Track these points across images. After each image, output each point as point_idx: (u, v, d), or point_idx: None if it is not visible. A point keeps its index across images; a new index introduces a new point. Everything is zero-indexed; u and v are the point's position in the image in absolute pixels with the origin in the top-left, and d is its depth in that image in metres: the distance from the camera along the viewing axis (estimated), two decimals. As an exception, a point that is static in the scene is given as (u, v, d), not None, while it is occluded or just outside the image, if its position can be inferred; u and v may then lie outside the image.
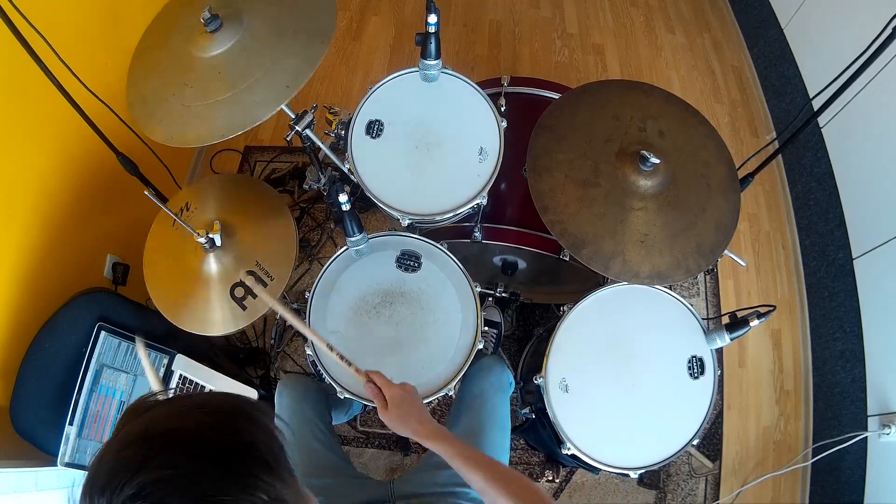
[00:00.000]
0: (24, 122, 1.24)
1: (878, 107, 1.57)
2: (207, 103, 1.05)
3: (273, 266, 1.20)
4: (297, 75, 1.03)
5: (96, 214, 1.49)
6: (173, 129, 1.07)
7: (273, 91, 1.03)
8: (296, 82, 1.02)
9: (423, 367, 1.11)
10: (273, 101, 1.02)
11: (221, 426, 0.42)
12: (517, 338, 1.82)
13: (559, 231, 1.06)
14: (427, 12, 1.11)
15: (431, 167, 1.24)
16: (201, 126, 1.04)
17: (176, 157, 1.86)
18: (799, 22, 2.01)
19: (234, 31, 1.08)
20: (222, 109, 1.04)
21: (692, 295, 1.92)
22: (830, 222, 1.79)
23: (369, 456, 1.68)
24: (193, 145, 1.05)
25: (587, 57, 2.38)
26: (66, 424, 1.15)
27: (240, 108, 1.03)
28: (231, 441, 0.41)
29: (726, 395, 1.79)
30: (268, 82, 1.04)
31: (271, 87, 1.03)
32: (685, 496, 1.67)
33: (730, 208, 1.14)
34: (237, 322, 1.18)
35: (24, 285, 1.25)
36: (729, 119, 2.26)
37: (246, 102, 1.03)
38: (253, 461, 0.41)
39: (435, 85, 1.30)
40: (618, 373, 1.16)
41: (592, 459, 1.10)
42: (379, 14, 2.48)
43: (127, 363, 1.26)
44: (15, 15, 0.99)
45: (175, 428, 0.41)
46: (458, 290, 1.18)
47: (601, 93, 1.22)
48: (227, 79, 1.06)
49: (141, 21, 1.26)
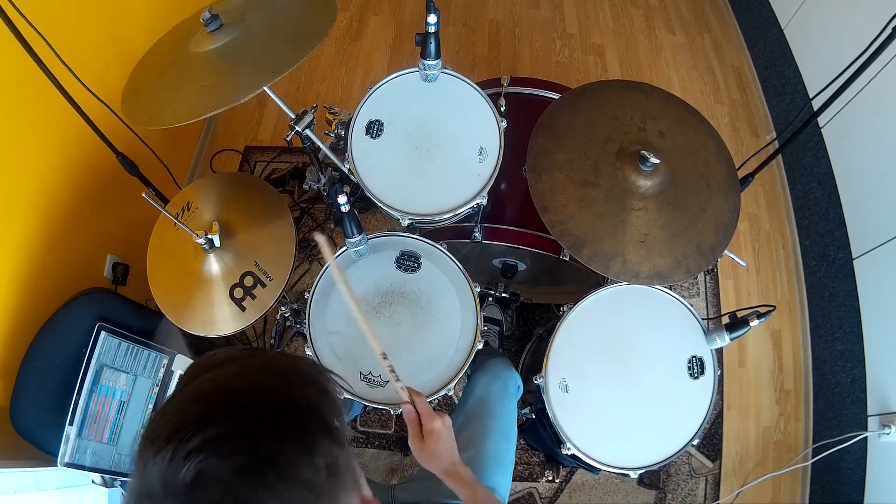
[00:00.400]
0: (24, 122, 1.24)
1: (878, 107, 1.57)
2: (191, 88, 1.05)
3: (272, 266, 1.20)
4: (284, 63, 1.02)
5: (96, 214, 1.49)
6: (152, 112, 1.07)
7: (257, 75, 1.02)
8: (281, 67, 1.01)
9: (423, 367, 1.11)
10: (255, 83, 1.01)
11: (286, 389, 0.43)
12: (517, 338, 1.82)
13: (559, 231, 1.06)
14: (427, 12, 1.11)
15: (431, 167, 1.24)
16: (179, 108, 1.04)
17: (176, 158, 1.86)
18: (799, 22, 2.01)
19: (234, 30, 1.08)
20: (205, 94, 1.03)
21: (692, 295, 1.92)
22: (830, 222, 1.79)
23: (369, 456, 1.68)
24: (169, 125, 1.03)
25: (587, 57, 2.38)
26: (66, 424, 1.15)
27: (221, 91, 1.02)
28: (294, 404, 0.42)
29: (726, 395, 1.79)
30: (254, 68, 1.04)
31: (256, 72, 1.03)
32: (685, 496, 1.67)
33: (730, 208, 1.14)
34: (237, 322, 1.18)
35: (24, 285, 1.25)
36: (729, 119, 2.26)
37: (228, 86, 1.03)
38: (314, 425, 0.42)
39: (435, 85, 1.30)
40: (618, 373, 1.16)
41: (592, 459, 1.10)
42: (379, 14, 2.48)
43: (127, 363, 1.26)
44: (15, 15, 0.99)
45: (242, 388, 0.42)
46: (457, 290, 1.18)
47: (601, 93, 1.22)
48: (216, 67, 1.06)
49: (141, 21, 1.26)
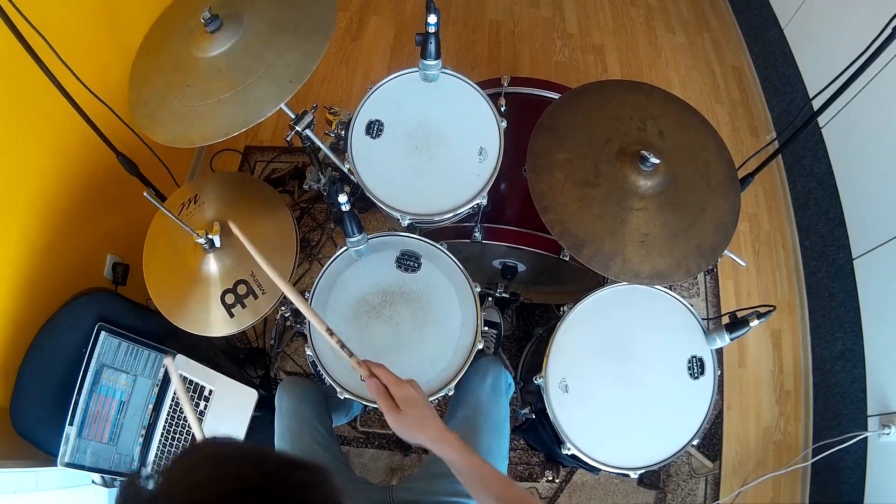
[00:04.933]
0: (24, 122, 1.24)
1: (878, 107, 1.57)
2: (210, 102, 1.05)
3: (266, 279, 1.19)
4: (300, 70, 1.02)
5: (96, 214, 1.49)
6: (177, 129, 1.06)
7: (276, 86, 1.03)
8: (298, 77, 1.02)
9: (423, 368, 1.11)
10: (276, 96, 1.02)
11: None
12: (517, 338, 1.82)
13: (559, 231, 1.06)
14: (427, 12, 1.11)
15: (431, 167, 1.24)
16: (205, 125, 1.04)
17: (176, 158, 1.86)
18: (799, 22, 2.01)
19: (234, 30, 1.08)
20: (226, 108, 1.04)
21: (692, 295, 1.92)
22: (830, 222, 1.79)
23: (369, 456, 1.68)
24: (198, 144, 1.05)
25: (587, 57, 2.38)
26: (66, 424, 1.15)
27: (243, 106, 1.03)
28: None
29: (726, 395, 1.79)
30: (270, 78, 1.04)
31: (274, 83, 1.03)
32: (685, 496, 1.67)
33: (730, 208, 1.14)
34: (227, 328, 1.17)
35: (24, 285, 1.25)
36: (729, 119, 2.26)
37: (249, 99, 1.03)
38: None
39: (435, 85, 1.30)
40: (618, 373, 1.16)
41: (592, 459, 1.10)
42: (379, 14, 2.48)
43: (127, 363, 1.26)
44: (15, 15, 0.99)
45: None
46: (457, 290, 1.18)
47: (601, 93, 1.22)
48: (229, 77, 1.06)
49: (141, 21, 1.26)
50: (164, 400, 1.32)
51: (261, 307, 1.17)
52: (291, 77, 1.02)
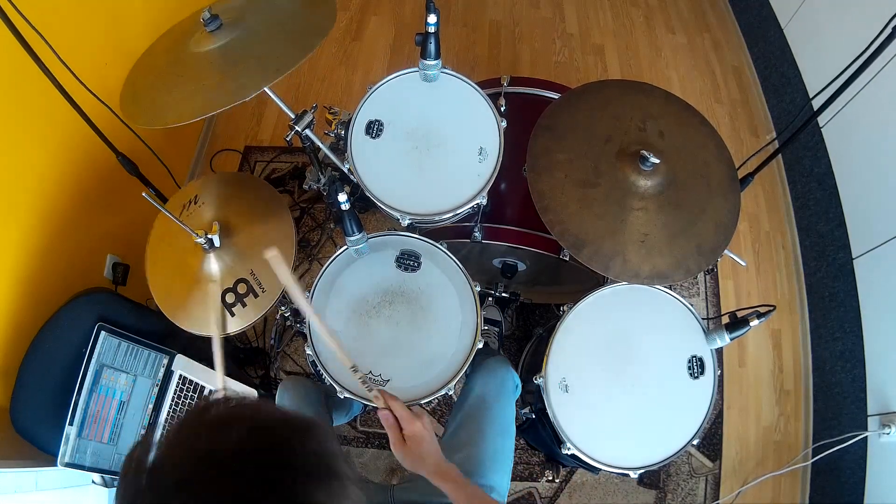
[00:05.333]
0: (23, 122, 1.24)
1: (878, 107, 1.57)
2: (193, 88, 1.05)
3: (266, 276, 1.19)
4: (288, 60, 1.02)
5: (96, 214, 1.49)
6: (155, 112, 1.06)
7: (261, 72, 1.02)
8: (285, 66, 1.00)
9: (422, 367, 1.11)
10: (260, 80, 1.00)
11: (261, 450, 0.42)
12: (517, 338, 1.82)
13: (559, 231, 1.06)
14: (427, 12, 1.11)
15: (431, 167, 1.24)
16: (182, 107, 1.03)
17: (176, 158, 1.86)
18: (799, 22, 2.01)
19: (234, 30, 1.08)
20: (209, 92, 1.03)
21: (692, 295, 1.92)
22: (830, 222, 1.79)
23: (369, 456, 1.68)
24: (172, 124, 1.02)
25: (587, 57, 2.38)
26: (66, 424, 1.15)
27: (223, 90, 1.02)
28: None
29: (726, 395, 1.79)
30: (257, 66, 1.03)
31: (260, 69, 1.02)
32: (685, 496, 1.67)
33: (730, 208, 1.14)
34: (237, 323, 1.18)
35: (24, 285, 1.25)
36: (729, 119, 2.26)
37: (231, 85, 1.02)
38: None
39: (435, 85, 1.30)
40: (618, 373, 1.16)
41: (592, 459, 1.10)
42: (379, 14, 2.48)
43: (127, 363, 1.26)
44: (15, 15, 1.00)
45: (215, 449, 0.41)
46: (457, 289, 1.18)
47: (601, 93, 1.22)
48: (218, 68, 1.05)
49: (141, 21, 1.26)
50: (164, 400, 1.32)
51: (262, 306, 1.18)
52: (277, 66, 1.01)
